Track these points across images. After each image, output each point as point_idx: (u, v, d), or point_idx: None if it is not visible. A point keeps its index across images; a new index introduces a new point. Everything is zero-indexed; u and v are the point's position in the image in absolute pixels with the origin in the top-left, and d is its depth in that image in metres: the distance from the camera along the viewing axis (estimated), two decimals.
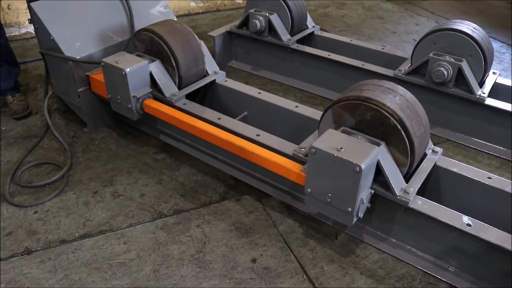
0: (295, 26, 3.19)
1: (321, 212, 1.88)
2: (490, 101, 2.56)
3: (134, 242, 2.03)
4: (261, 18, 3.13)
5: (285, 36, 3.14)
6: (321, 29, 4.14)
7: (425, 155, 2.02)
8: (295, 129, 2.36)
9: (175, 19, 2.99)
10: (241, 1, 4.89)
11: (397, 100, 1.83)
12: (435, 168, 2.02)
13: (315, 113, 2.28)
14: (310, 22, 3.37)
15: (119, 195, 2.29)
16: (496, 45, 4.06)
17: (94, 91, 2.58)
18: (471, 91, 2.55)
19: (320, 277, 1.87)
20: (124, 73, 2.27)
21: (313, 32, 3.34)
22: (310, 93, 3.19)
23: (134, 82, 2.33)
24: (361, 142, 1.75)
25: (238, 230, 2.09)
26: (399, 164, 1.83)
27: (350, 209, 1.74)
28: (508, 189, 1.87)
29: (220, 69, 3.41)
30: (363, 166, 1.62)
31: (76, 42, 2.51)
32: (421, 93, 2.73)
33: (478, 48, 2.52)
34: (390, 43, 4.00)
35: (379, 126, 1.80)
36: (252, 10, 3.20)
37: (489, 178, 1.93)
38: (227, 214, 2.18)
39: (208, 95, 2.70)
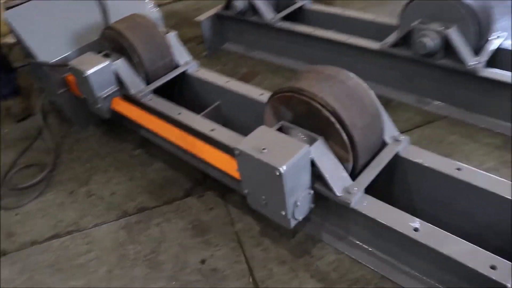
0: (280, 2, 2.99)
1: (263, 214, 1.79)
2: (486, 72, 2.23)
3: (97, 242, 2.10)
4: None
5: (268, 14, 2.96)
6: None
7: (385, 145, 1.83)
8: (261, 117, 2.24)
9: (154, 10, 2.96)
10: None
11: (335, 88, 1.65)
12: (400, 160, 1.82)
13: None
14: None
15: (91, 195, 2.36)
16: None
17: (73, 92, 2.65)
18: (462, 61, 2.24)
19: (267, 280, 1.80)
20: (85, 75, 2.29)
21: (302, 6, 3.11)
22: None
23: (98, 82, 2.35)
24: (290, 141, 1.61)
25: (194, 229, 2.07)
26: (342, 160, 1.68)
27: (283, 213, 1.64)
28: (477, 183, 1.64)
29: (214, 52, 3.38)
30: (283, 170, 1.50)
31: (50, 46, 2.58)
32: (410, 66, 2.49)
33: (468, 12, 2.19)
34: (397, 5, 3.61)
35: (314, 119, 1.65)
36: None
37: (458, 169, 1.71)
38: (188, 211, 2.17)
39: (184, 87, 2.66)
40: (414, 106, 2.56)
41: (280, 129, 1.76)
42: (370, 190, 2.00)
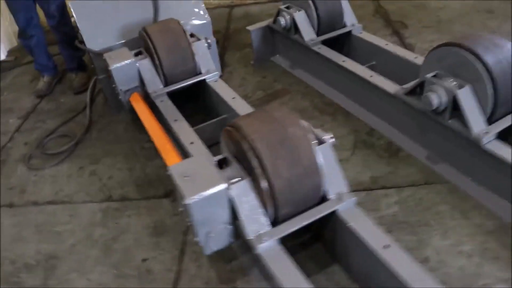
0: (322, 25, 2.92)
1: None
2: (491, 144, 1.96)
3: (78, 217, 2.38)
4: (286, 15, 2.98)
5: (308, 35, 2.91)
6: (402, 23, 3.70)
7: (324, 199, 1.75)
8: None
9: (205, 15, 3.11)
10: None
11: (272, 133, 1.64)
12: (337, 219, 1.74)
13: None
14: (351, 20, 3.01)
15: (94, 174, 2.65)
16: None
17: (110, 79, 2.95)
18: (469, 127, 2.00)
19: None
20: (110, 68, 2.57)
21: (350, 31, 2.99)
22: (329, 99, 2.92)
23: (121, 76, 2.61)
24: (212, 176, 1.64)
25: (154, 229, 2.22)
26: (264, 205, 1.66)
27: (197, 239, 1.70)
28: (395, 268, 1.50)
29: (261, 62, 3.44)
30: (190, 201, 1.57)
31: (99, 35, 2.91)
32: (424, 119, 2.27)
33: (487, 73, 1.94)
34: None
35: (245, 159, 1.67)
36: (283, 6, 3.06)
37: (386, 246, 1.58)
38: (158, 211, 2.32)
39: (204, 94, 2.79)
40: (422, 162, 2.34)
41: (223, 160, 1.80)
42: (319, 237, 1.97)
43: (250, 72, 3.39)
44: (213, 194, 1.59)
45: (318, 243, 2.00)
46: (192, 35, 2.77)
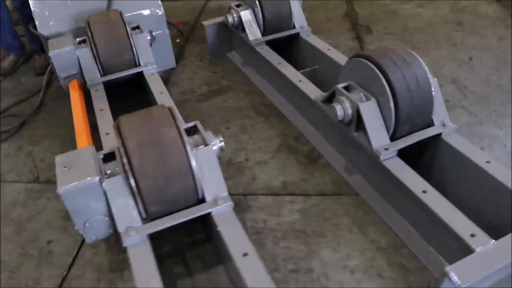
0: (268, 25, 2.91)
1: None
2: (388, 162, 1.95)
3: (3, 195, 2.47)
4: (234, 13, 2.99)
5: (253, 35, 2.92)
6: (367, 28, 3.68)
7: (203, 202, 1.79)
8: None
9: (160, 8, 3.14)
10: None
11: (145, 132, 1.67)
12: (212, 221, 1.78)
13: None
14: (300, 22, 2.99)
15: (30, 155, 2.74)
16: None
17: None
18: (369, 141, 1.99)
19: (75, 280, 1.96)
20: (49, 54, 2.64)
21: (298, 34, 2.98)
22: (269, 100, 2.93)
23: (61, 63, 2.67)
24: (88, 168, 1.69)
25: (67, 213, 2.22)
26: (136, 202, 1.71)
27: (76, 227, 1.76)
28: (247, 278, 1.52)
29: (217, 57, 3.46)
30: (59, 191, 1.63)
31: (51, 20, 2.97)
32: (337, 127, 2.26)
33: (387, 88, 1.92)
34: (431, 57, 3.17)
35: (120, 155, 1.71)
36: (233, 4, 3.07)
37: (245, 254, 1.61)
38: None
39: (144, 85, 2.83)
40: (338, 172, 2.35)
41: (111, 154, 1.85)
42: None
43: (203, 67, 3.42)
44: (84, 185, 1.65)
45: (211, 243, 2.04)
46: (136, 27, 2.81)
